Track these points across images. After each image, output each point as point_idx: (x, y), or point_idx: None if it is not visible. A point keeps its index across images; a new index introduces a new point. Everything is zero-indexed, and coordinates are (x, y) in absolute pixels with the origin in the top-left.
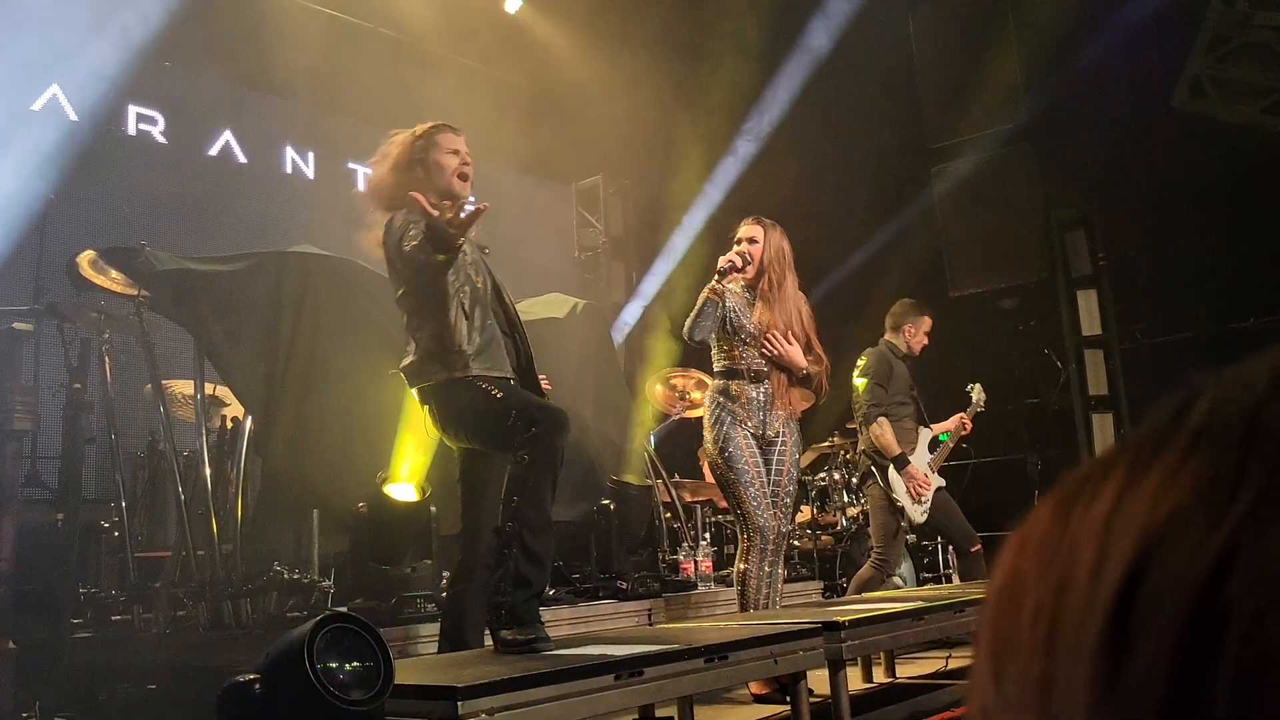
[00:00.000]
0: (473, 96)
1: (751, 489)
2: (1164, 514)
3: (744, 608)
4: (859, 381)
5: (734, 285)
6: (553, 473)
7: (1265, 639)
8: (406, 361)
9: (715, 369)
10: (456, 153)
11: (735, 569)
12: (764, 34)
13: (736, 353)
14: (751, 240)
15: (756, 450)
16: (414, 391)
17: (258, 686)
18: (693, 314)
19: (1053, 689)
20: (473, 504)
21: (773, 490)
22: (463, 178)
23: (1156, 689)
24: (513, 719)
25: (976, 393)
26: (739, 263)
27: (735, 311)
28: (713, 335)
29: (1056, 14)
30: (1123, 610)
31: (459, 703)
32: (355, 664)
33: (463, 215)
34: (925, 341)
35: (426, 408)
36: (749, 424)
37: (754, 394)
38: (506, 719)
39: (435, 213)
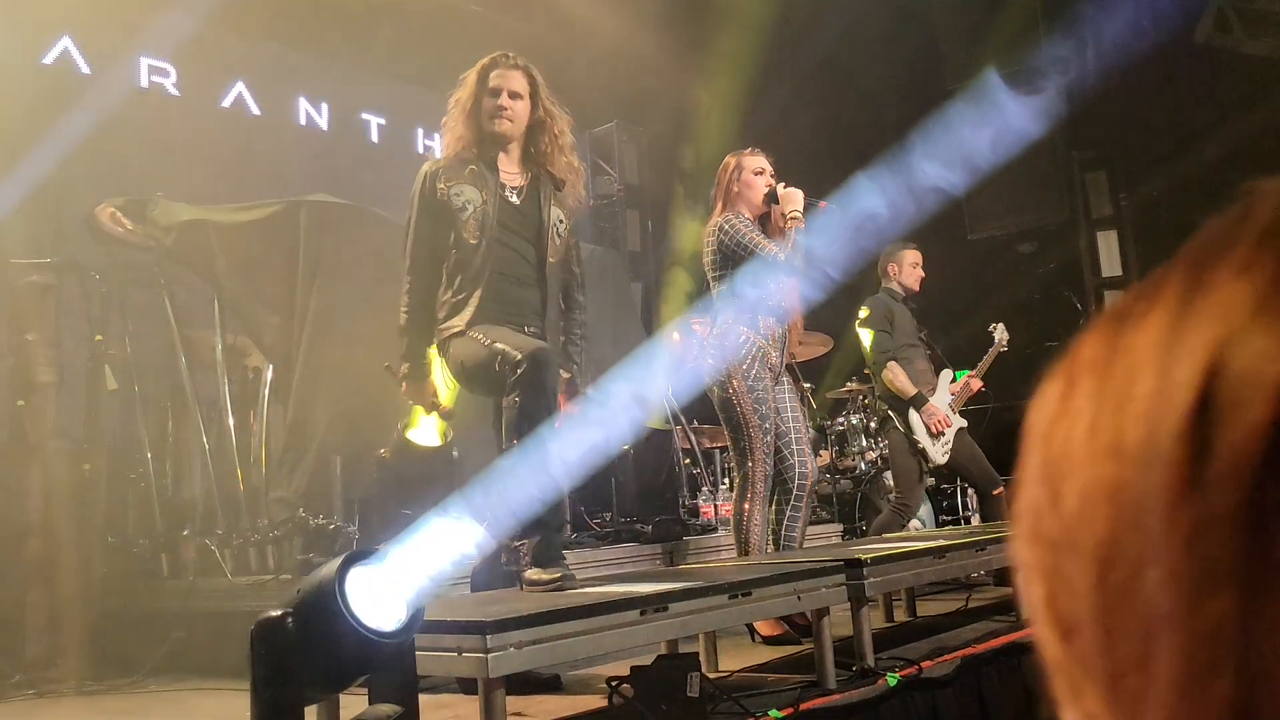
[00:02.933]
0: (484, 45)
1: (767, 437)
2: (1239, 307)
3: (743, 552)
4: (862, 332)
5: (747, 216)
6: (546, 409)
7: None
8: None
9: (741, 302)
10: (497, 91)
11: (733, 515)
12: None
13: (768, 287)
14: (771, 173)
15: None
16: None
17: (290, 621)
18: (789, 241)
19: (1124, 494)
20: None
21: (795, 431)
22: (496, 115)
23: (1242, 485)
24: (541, 652)
25: (999, 332)
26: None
27: None
28: (730, 268)
29: None
30: (1201, 407)
31: (488, 636)
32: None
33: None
34: (920, 274)
35: (442, 359)
36: (773, 362)
37: (779, 331)
38: (535, 652)
39: None
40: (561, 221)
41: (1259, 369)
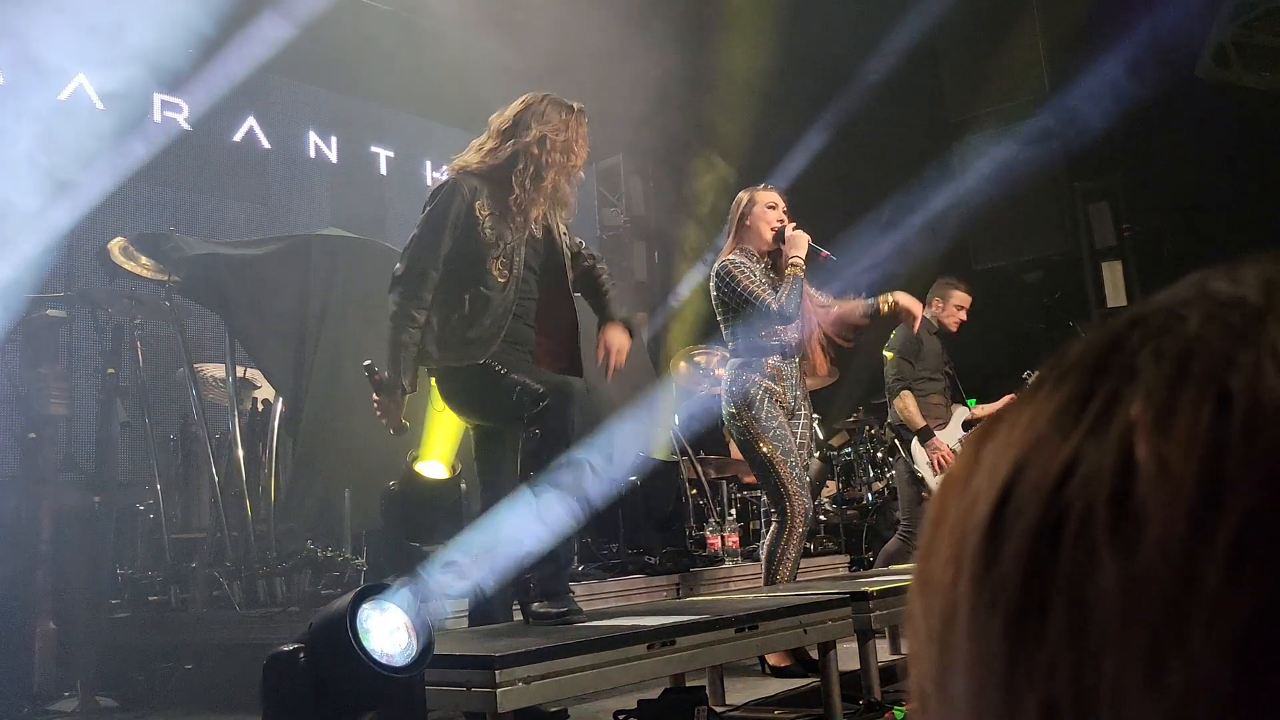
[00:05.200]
0: (492, 79)
1: (795, 470)
2: (1031, 435)
3: (769, 582)
4: (886, 354)
5: (748, 256)
6: (565, 444)
7: (1089, 534)
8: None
9: (741, 345)
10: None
11: (767, 546)
12: (784, 10)
13: (771, 328)
14: (784, 209)
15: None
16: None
17: (302, 656)
18: (786, 290)
19: (951, 590)
20: (491, 484)
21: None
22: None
23: (1015, 580)
24: (549, 687)
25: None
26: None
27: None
28: (732, 311)
29: None
30: (998, 516)
31: (496, 671)
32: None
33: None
34: (961, 317)
35: (443, 388)
36: (784, 400)
37: (789, 370)
38: (542, 688)
39: None
40: (571, 244)
41: (1031, 490)
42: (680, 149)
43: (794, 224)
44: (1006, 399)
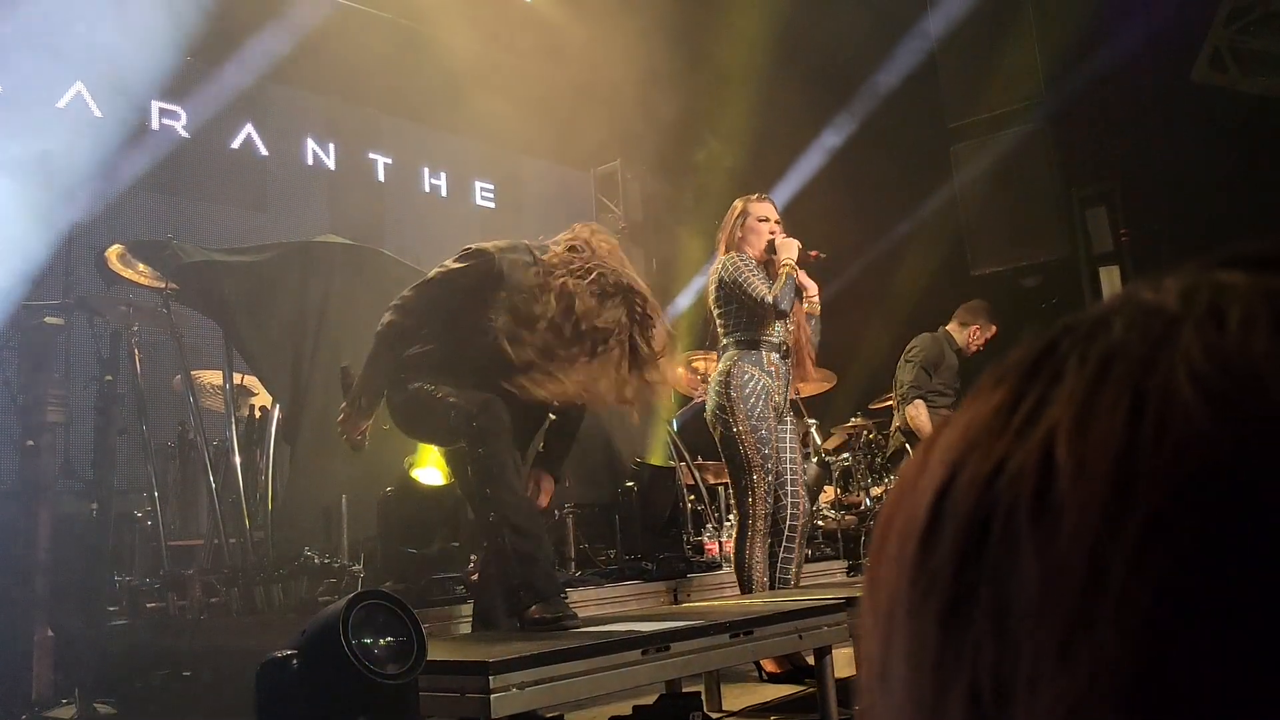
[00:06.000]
0: (490, 86)
1: (768, 476)
2: (968, 437)
3: (746, 590)
4: (906, 364)
5: (750, 258)
6: (509, 451)
7: (1014, 527)
8: None
9: (741, 339)
10: None
11: (734, 556)
12: (780, 16)
13: (771, 326)
14: (777, 220)
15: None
16: None
17: (295, 662)
18: (780, 285)
19: (894, 584)
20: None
21: (791, 472)
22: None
23: (948, 571)
24: (543, 693)
25: None
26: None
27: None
28: (734, 305)
29: None
30: (936, 512)
31: (490, 677)
32: (389, 639)
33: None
34: (983, 347)
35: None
36: (775, 400)
37: (783, 370)
38: (537, 693)
39: None
40: None
41: (963, 488)
42: (679, 155)
43: (784, 232)
44: None
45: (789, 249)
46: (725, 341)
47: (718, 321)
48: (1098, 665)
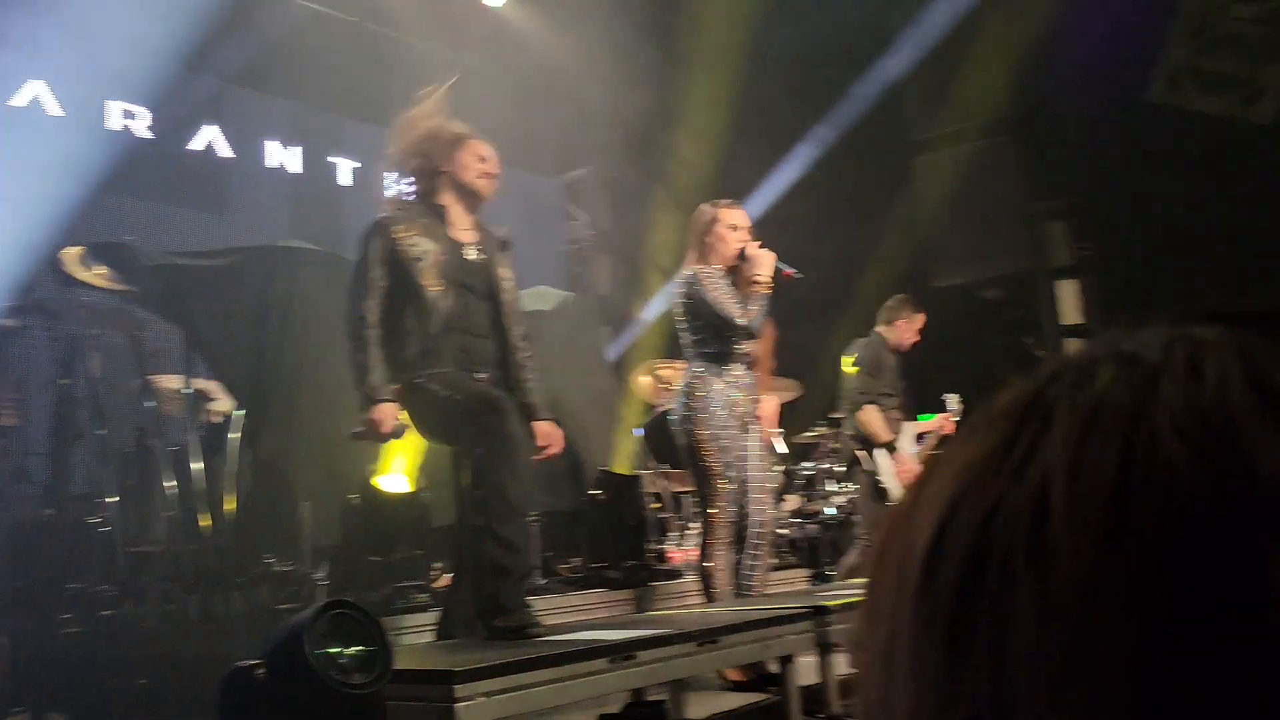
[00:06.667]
0: (457, 89)
1: (731, 486)
2: (965, 476)
3: (710, 598)
4: (849, 369)
5: (718, 269)
6: (510, 459)
7: (1010, 564)
8: None
9: (707, 352)
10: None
11: (702, 561)
12: (745, 28)
13: (738, 339)
14: (747, 228)
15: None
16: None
17: (260, 672)
18: (755, 307)
19: (895, 612)
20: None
21: (755, 480)
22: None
23: (949, 603)
24: (509, 702)
25: (953, 403)
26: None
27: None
28: (701, 321)
29: (1037, 6)
30: (937, 546)
31: (455, 686)
32: (356, 649)
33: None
34: (916, 338)
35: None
36: (740, 411)
37: (747, 382)
38: (503, 702)
39: None
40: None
41: (962, 526)
42: (649, 163)
43: (759, 242)
44: (940, 417)
45: (764, 264)
46: (691, 353)
47: (682, 332)
48: (1093, 704)
